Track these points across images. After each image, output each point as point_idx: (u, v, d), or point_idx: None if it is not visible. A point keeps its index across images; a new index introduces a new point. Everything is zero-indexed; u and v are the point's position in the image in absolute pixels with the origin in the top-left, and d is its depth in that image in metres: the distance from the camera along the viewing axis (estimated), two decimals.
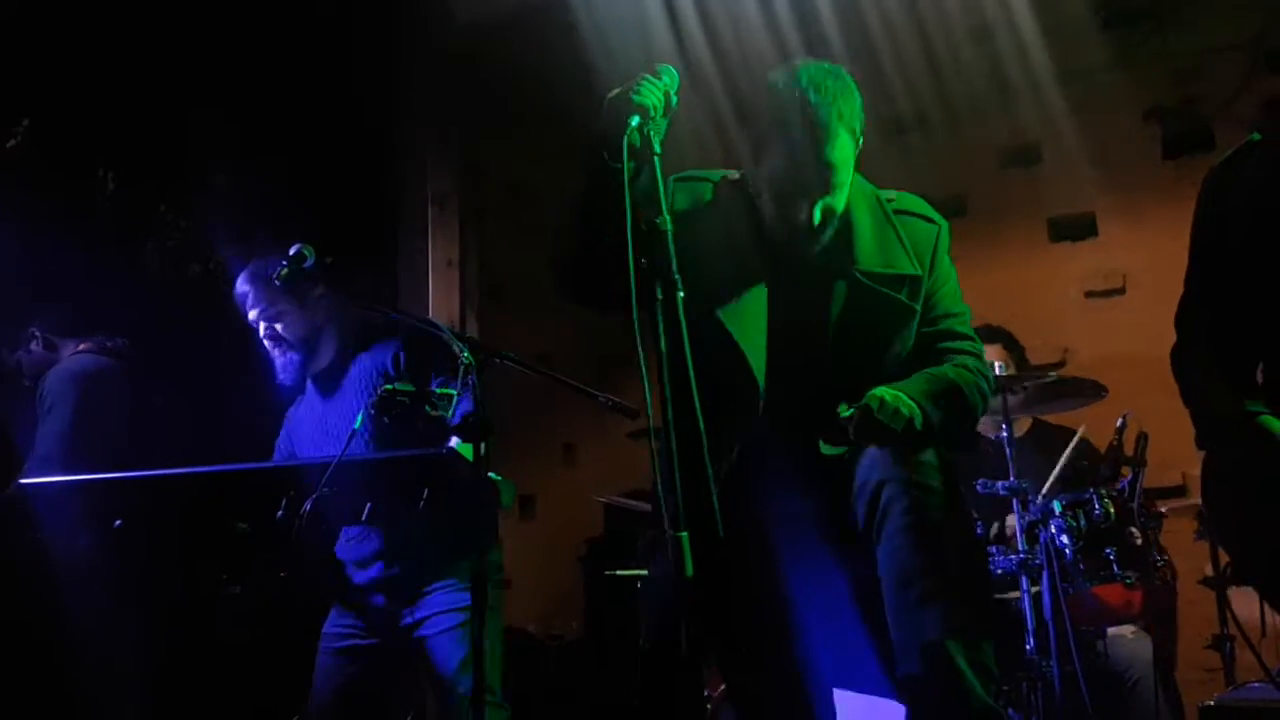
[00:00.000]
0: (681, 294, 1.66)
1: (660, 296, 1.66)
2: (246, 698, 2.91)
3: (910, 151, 4.84)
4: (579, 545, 5.34)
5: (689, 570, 1.53)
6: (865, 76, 4.53)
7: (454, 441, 2.61)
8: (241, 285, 2.99)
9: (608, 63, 4.31)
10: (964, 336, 2.17)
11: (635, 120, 1.78)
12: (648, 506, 4.19)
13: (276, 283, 2.69)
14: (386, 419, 2.88)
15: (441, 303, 4.05)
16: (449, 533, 2.75)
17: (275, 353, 2.99)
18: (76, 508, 2.58)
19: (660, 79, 1.87)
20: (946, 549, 1.78)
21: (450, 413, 2.53)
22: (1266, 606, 3.52)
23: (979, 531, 3.14)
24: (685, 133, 2.04)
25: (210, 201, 4.28)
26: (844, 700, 2.08)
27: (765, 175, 2.08)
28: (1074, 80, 4.50)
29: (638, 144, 1.78)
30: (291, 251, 2.60)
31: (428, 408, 2.59)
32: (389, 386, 2.73)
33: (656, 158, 1.77)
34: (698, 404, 1.60)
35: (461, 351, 2.44)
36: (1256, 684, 2.86)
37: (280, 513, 2.54)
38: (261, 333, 2.99)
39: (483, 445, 2.35)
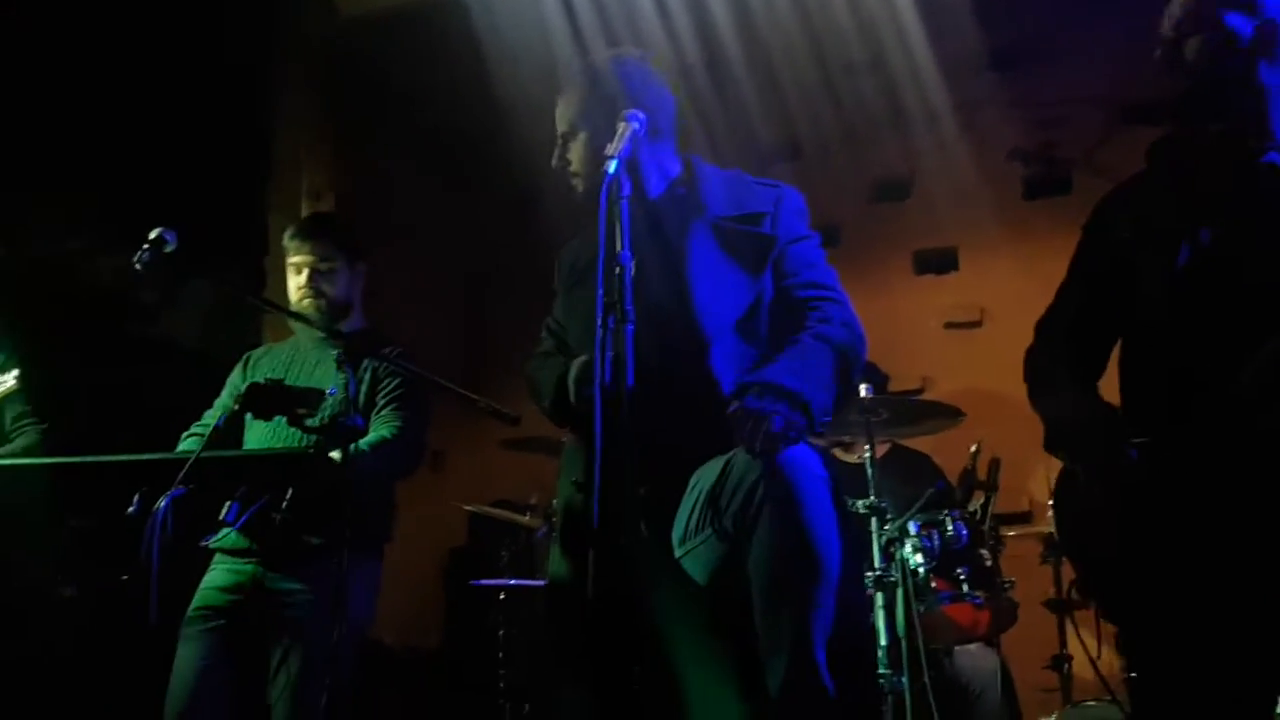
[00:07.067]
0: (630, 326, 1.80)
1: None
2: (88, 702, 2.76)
3: (788, 179, 4.93)
4: (442, 555, 5.25)
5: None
6: (757, 98, 4.62)
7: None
8: None
9: (504, 67, 4.27)
10: (825, 285, 2.20)
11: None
12: (517, 516, 4.15)
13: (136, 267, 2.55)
14: (250, 414, 2.81)
15: None
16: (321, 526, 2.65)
17: None
18: None
19: None
20: (818, 553, 1.79)
21: (322, 413, 2.47)
22: (1102, 630, 3.71)
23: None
24: None
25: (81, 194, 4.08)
26: None
27: None
28: (946, 118, 4.68)
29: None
30: (151, 235, 2.46)
31: (297, 407, 2.52)
32: (256, 380, 2.65)
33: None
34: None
35: (335, 350, 2.39)
36: (1092, 702, 3.01)
37: (133, 509, 2.44)
38: None
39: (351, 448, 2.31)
